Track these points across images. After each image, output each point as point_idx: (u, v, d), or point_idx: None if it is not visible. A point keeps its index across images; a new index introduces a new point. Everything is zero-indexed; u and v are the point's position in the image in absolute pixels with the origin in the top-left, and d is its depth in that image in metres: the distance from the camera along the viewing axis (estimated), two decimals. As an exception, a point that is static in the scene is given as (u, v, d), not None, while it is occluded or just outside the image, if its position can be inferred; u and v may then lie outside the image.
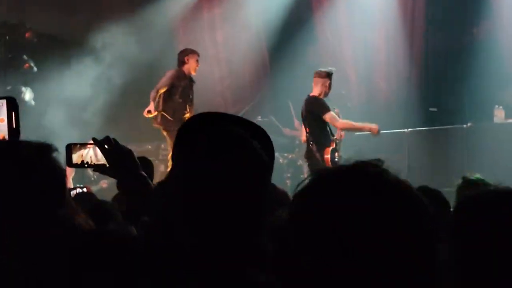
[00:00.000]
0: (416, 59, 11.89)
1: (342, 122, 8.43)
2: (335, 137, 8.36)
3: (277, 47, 12.42)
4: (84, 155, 2.69)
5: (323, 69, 8.52)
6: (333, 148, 8.23)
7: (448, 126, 10.54)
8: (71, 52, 11.32)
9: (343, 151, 9.18)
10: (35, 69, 11.09)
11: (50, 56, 11.16)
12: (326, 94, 8.26)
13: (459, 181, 4.07)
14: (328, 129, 8.31)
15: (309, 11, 12.58)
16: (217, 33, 12.43)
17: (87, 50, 11.30)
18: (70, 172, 8.63)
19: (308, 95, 8.32)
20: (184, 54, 9.66)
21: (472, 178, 4.08)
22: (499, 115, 10.44)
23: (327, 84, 8.22)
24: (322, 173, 1.25)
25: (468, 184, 3.77)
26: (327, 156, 8.02)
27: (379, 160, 1.24)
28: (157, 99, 9.64)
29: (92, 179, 10.35)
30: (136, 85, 11.32)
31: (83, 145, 2.71)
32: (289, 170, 11.02)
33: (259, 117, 11.10)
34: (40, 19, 11.48)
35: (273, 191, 1.86)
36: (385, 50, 12.19)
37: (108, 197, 4.57)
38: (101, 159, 2.63)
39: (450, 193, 4.09)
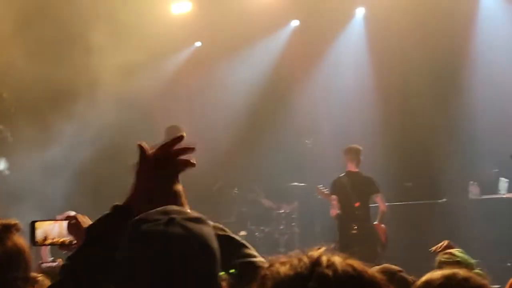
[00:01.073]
0: (392, 135, 11.91)
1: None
2: None
3: (254, 120, 12.53)
4: (49, 231, 2.58)
5: (354, 146, 9.16)
6: None
7: (424, 201, 10.65)
8: (49, 120, 11.12)
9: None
10: (10, 139, 10.93)
11: (27, 127, 10.85)
12: None
13: (445, 256, 4.06)
14: None
15: (286, 85, 12.81)
16: (194, 106, 12.42)
17: (65, 117, 11.09)
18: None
19: (353, 171, 8.88)
20: (177, 131, 9.43)
21: (456, 254, 4.08)
22: (474, 191, 10.63)
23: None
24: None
25: (450, 262, 3.71)
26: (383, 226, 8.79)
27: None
28: None
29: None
30: (115, 151, 11.14)
31: (48, 221, 2.60)
32: (264, 245, 10.70)
33: (236, 189, 11.21)
34: (17, 88, 11.44)
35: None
36: (361, 125, 12.24)
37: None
38: (67, 235, 2.53)
39: (427, 268, 4.04)
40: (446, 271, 2.15)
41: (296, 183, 11.70)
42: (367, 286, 1.25)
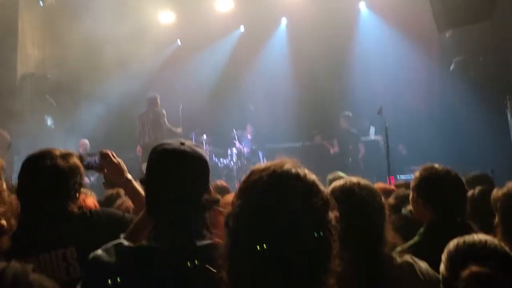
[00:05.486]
0: (303, 102, 13.31)
1: None
2: None
3: (215, 93, 13.90)
4: None
5: None
6: None
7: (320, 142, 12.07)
8: (80, 94, 12.65)
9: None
10: (54, 104, 12.44)
11: (64, 96, 12.36)
12: None
13: (331, 175, 4.70)
14: None
15: (236, 70, 14.08)
16: (178, 83, 13.57)
17: (89, 92, 12.42)
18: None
19: None
20: (154, 99, 11.24)
21: (339, 175, 4.58)
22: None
23: None
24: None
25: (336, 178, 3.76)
26: None
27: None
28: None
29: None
30: (123, 111, 12.26)
31: None
32: (224, 171, 12.35)
33: (204, 135, 12.55)
34: (56, 71, 12.66)
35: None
36: (285, 85, 13.62)
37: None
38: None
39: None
40: (346, 179, 2.29)
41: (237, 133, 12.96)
42: (302, 187, 1.42)
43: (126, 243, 1.98)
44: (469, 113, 10.66)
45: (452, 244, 2.03)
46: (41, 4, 12.35)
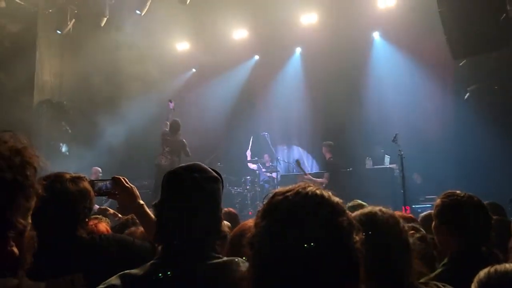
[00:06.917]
0: (318, 130, 13.46)
1: None
2: None
3: (231, 119, 14.21)
4: None
5: None
6: None
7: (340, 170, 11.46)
8: (95, 121, 12.76)
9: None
10: (69, 131, 12.62)
11: (79, 123, 12.69)
12: None
13: (351, 203, 4.51)
14: None
15: (251, 96, 14.45)
16: (194, 109, 13.93)
17: (106, 117, 12.57)
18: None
19: None
20: (176, 123, 11.13)
21: (359, 202, 4.50)
22: (368, 163, 12.09)
23: None
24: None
25: (356, 205, 4.01)
26: None
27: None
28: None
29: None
30: (145, 133, 12.31)
31: None
32: (237, 199, 12.49)
33: (219, 163, 12.70)
34: (72, 98, 13.06)
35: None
36: (299, 113, 13.92)
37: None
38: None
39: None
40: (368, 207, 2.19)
41: (256, 158, 13.34)
42: (327, 207, 1.42)
43: (133, 271, 1.99)
44: (485, 141, 10.56)
45: (483, 273, 1.94)
46: (59, 32, 12.69)
